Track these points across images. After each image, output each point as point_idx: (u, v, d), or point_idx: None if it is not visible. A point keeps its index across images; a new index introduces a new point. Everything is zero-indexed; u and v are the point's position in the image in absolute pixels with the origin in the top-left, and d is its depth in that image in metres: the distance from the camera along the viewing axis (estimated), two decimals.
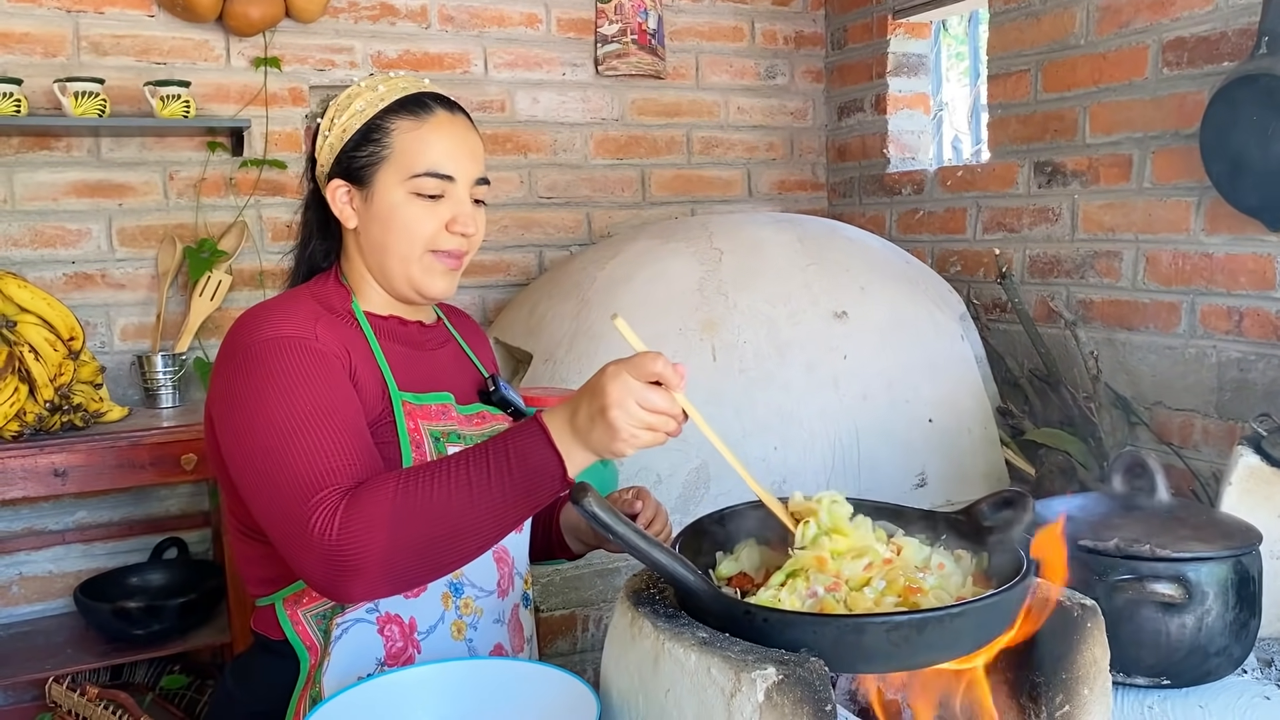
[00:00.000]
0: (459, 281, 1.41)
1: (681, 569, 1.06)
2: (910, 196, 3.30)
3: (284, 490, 1.15)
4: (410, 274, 1.35)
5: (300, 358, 1.23)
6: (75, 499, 2.74)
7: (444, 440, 1.32)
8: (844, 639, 0.99)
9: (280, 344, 1.23)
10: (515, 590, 1.42)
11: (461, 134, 1.38)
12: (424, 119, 1.35)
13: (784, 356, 2.48)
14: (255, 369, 1.22)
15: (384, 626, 1.30)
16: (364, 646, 1.29)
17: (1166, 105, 2.46)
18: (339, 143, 1.36)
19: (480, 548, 1.17)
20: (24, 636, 2.59)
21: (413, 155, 1.33)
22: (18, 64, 2.61)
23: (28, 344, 2.37)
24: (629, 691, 1.11)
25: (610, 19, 3.30)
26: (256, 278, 2.88)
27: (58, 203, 2.70)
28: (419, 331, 1.43)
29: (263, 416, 1.19)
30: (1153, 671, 1.43)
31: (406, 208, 1.33)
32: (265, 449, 1.18)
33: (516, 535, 1.43)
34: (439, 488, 1.12)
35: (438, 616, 1.33)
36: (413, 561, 1.13)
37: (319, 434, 1.17)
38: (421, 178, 1.33)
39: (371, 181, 1.34)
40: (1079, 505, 1.56)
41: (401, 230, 1.33)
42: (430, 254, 1.35)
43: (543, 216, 3.28)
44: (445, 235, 1.35)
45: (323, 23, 2.93)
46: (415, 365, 1.38)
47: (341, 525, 1.11)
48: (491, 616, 1.38)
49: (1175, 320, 2.49)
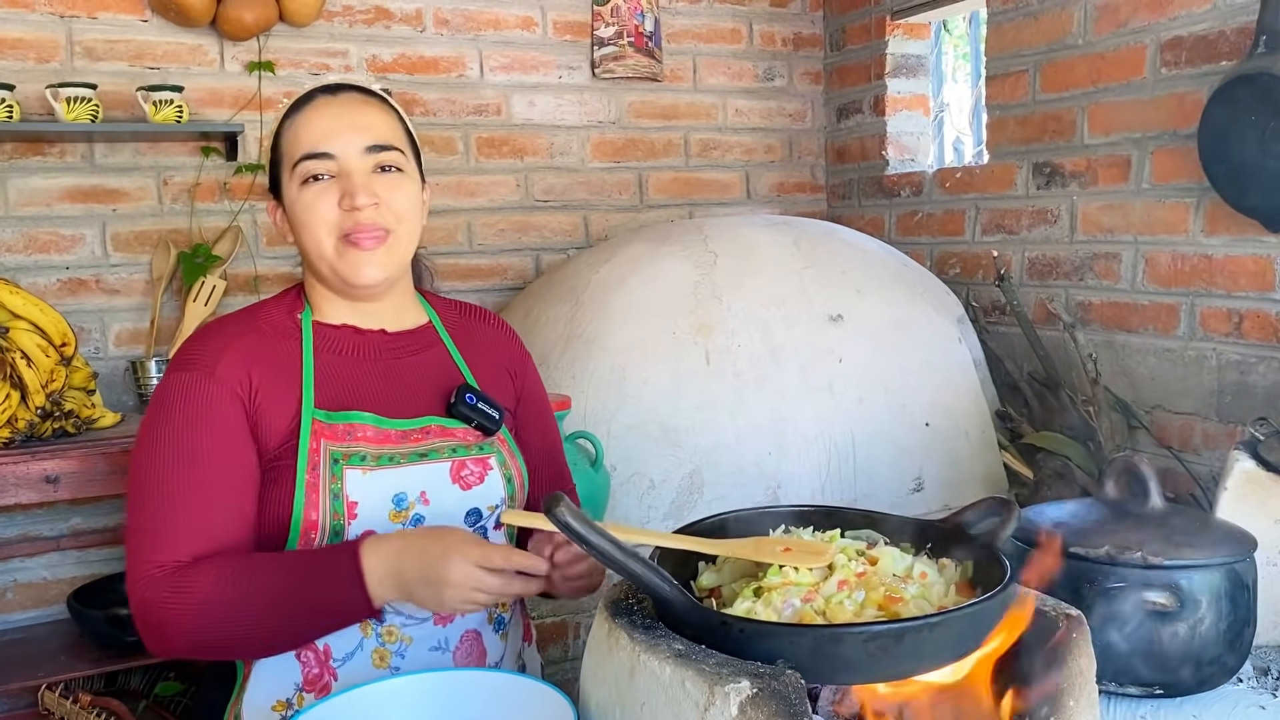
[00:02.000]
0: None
1: (657, 579, 1.04)
2: (909, 198, 3.28)
3: (133, 536, 1.25)
4: (333, 266, 1.33)
5: (185, 404, 1.27)
6: (69, 505, 2.73)
7: (343, 462, 1.28)
8: (821, 649, 0.97)
9: (174, 385, 1.29)
10: (469, 616, 1.35)
11: (339, 110, 1.34)
12: (302, 110, 1.35)
13: (779, 360, 2.46)
14: (152, 411, 1.30)
15: (300, 652, 1.29)
16: (281, 671, 1.29)
17: (1165, 105, 2.44)
18: (267, 163, 1.39)
19: (282, 649, 1.27)
20: (17, 643, 2.58)
21: (293, 146, 1.33)
22: (10, 69, 2.61)
23: (20, 350, 2.36)
24: (606, 703, 1.09)
25: (607, 21, 3.29)
26: (251, 282, 2.87)
27: (51, 209, 2.70)
28: (380, 340, 1.39)
29: (143, 460, 1.27)
30: (1146, 681, 1.41)
31: (300, 199, 1.32)
32: (135, 491, 1.27)
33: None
34: (248, 595, 1.20)
35: (355, 644, 1.30)
36: (215, 648, 1.25)
37: (172, 502, 1.24)
38: (302, 162, 1.32)
39: (281, 189, 1.35)
40: (1070, 512, 1.54)
41: (303, 224, 1.32)
42: (342, 241, 1.31)
43: (540, 220, 3.26)
44: (344, 215, 1.31)
45: (317, 26, 2.92)
46: (348, 379, 1.35)
47: (158, 597, 1.20)
48: (427, 644, 1.32)
49: (1175, 322, 2.46)
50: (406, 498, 1.30)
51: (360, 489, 1.28)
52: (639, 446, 2.34)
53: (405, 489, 1.30)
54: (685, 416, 2.38)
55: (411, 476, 1.31)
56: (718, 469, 2.35)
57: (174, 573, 1.20)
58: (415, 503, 1.31)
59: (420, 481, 1.31)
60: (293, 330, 1.35)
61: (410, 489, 1.31)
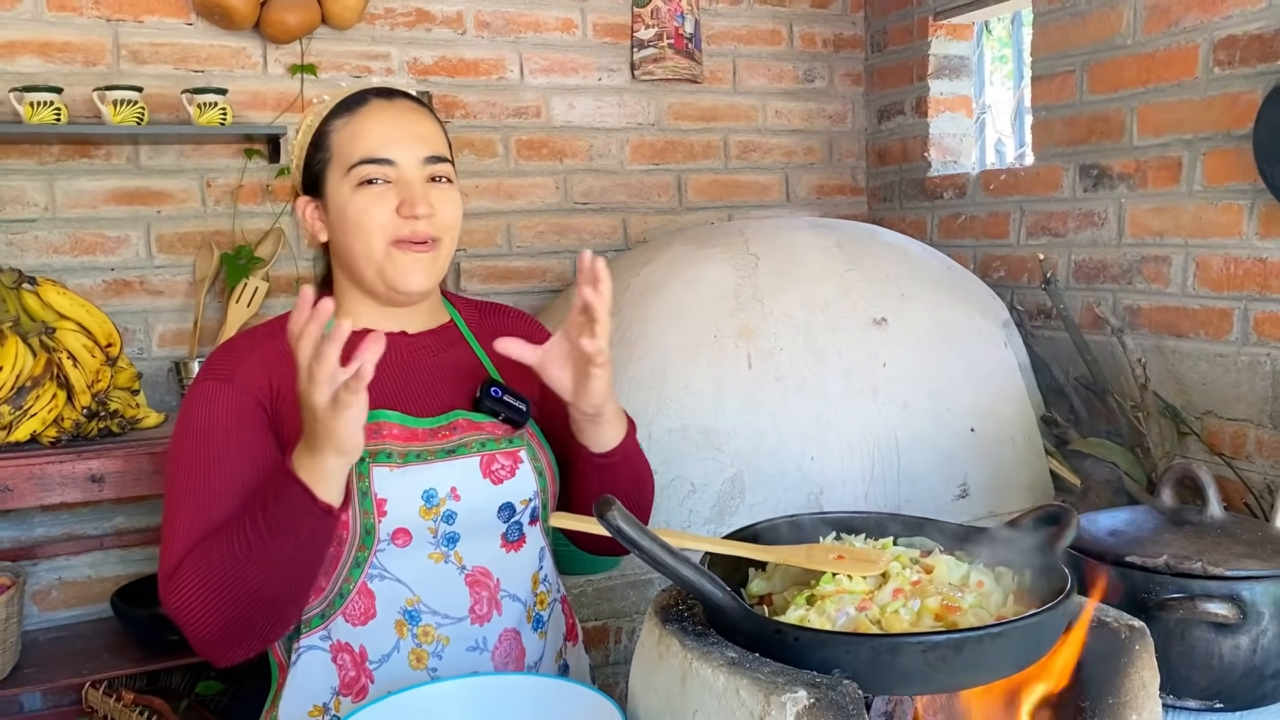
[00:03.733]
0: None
1: (709, 585, 1.02)
2: (952, 200, 3.24)
3: (162, 530, 1.26)
4: (381, 271, 1.33)
5: (205, 411, 1.28)
6: (113, 505, 2.75)
7: (370, 460, 1.27)
8: (878, 660, 0.95)
9: (197, 394, 1.30)
10: (507, 614, 1.34)
11: (397, 116, 1.35)
12: (356, 112, 1.34)
13: (821, 364, 2.44)
14: (179, 419, 1.31)
15: (336, 655, 1.29)
16: (319, 673, 1.28)
17: (1218, 105, 2.39)
18: (299, 160, 1.38)
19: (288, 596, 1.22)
20: (62, 641, 2.61)
21: (349, 148, 1.32)
22: (58, 73, 2.64)
23: (66, 351, 2.39)
24: (656, 711, 1.07)
25: (647, 23, 3.28)
26: (293, 284, 2.88)
27: (97, 210, 2.73)
28: (401, 342, 1.39)
29: (170, 459, 1.29)
30: (1205, 694, 1.37)
31: (354, 202, 1.31)
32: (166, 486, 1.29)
33: (509, 554, 1.35)
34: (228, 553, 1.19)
35: (392, 645, 1.29)
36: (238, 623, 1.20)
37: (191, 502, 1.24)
38: (359, 166, 1.31)
39: (324, 188, 1.34)
40: (1126, 520, 1.51)
41: (355, 226, 1.32)
42: (394, 246, 1.31)
43: (578, 222, 3.26)
44: (399, 222, 1.31)
45: (359, 29, 2.93)
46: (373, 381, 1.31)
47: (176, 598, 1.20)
48: (463, 644, 1.31)
49: (1227, 327, 2.41)
50: (436, 494, 1.29)
51: (388, 486, 1.27)
52: (680, 450, 2.32)
53: (435, 485, 1.29)
54: (727, 420, 2.36)
55: (441, 472, 1.30)
56: (759, 473, 2.33)
57: (175, 574, 1.22)
58: (446, 499, 1.30)
59: (450, 477, 1.30)
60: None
61: (440, 485, 1.30)
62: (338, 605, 1.28)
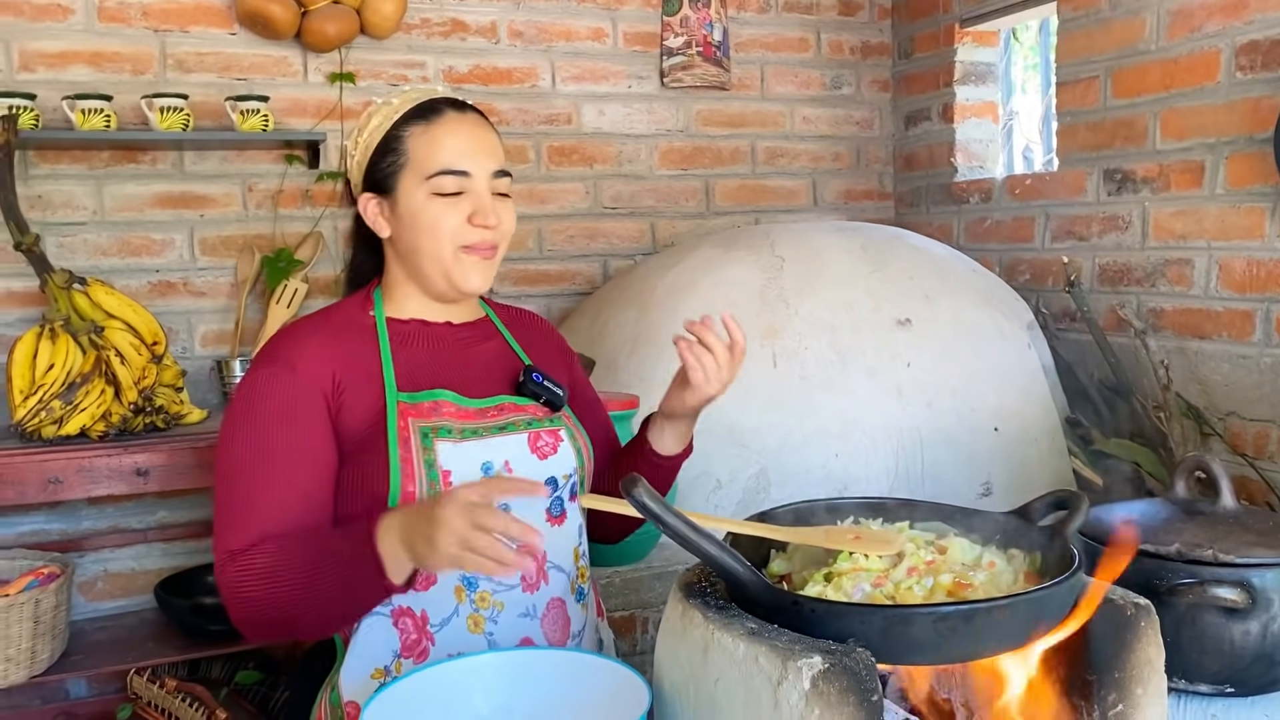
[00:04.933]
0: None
1: (730, 559, 1.07)
2: (978, 205, 3.28)
3: (216, 518, 1.33)
4: (446, 272, 1.41)
5: (267, 398, 1.34)
6: (157, 499, 2.84)
7: (433, 435, 1.35)
8: (891, 629, 1.00)
9: (257, 380, 1.36)
10: (554, 585, 1.42)
11: (472, 130, 1.42)
12: (434, 121, 1.41)
13: (846, 363, 2.48)
14: (235, 405, 1.37)
15: (398, 619, 1.34)
16: (380, 639, 1.34)
17: (1240, 110, 2.42)
18: (364, 158, 1.43)
19: (325, 625, 1.32)
20: (107, 630, 2.69)
21: (427, 157, 1.39)
22: (108, 81, 2.74)
23: (114, 348, 2.47)
24: (680, 682, 1.13)
25: (676, 32, 3.34)
26: (331, 286, 2.96)
27: (143, 214, 2.82)
28: (444, 332, 1.47)
29: (225, 448, 1.35)
30: (1216, 679, 1.41)
31: (428, 208, 1.39)
32: (218, 476, 1.34)
33: (555, 527, 1.43)
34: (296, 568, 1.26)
35: (451, 610, 1.35)
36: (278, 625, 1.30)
37: (252, 484, 1.31)
38: (438, 177, 1.39)
39: (395, 189, 1.41)
40: (1140, 510, 1.54)
41: (427, 231, 1.39)
42: (461, 250, 1.40)
43: (607, 227, 3.32)
44: (469, 230, 1.40)
45: (396, 39, 3.01)
46: (424, 366, 1.43)
47: (230, 583, 1.28)
48: (516, 611, 1.38)
49: (1249, 329, 2.44)
50: (493, 466, 1.36)
51: (452, 459, 1.34)
52: (706, 446, 2.35)
53: (491, 458, 1.37)
54: (752, 417, 2.41)
55: (495, 447, 1.38)
56: (784, 470, 2.38)
57: (242, 554, 1.28)
58: (501, 471, 1.37)
59: (504, 451, 1.38)
60: (367, 326, 1.43)
61: (495, 459, 1.37)
62: None
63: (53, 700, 2.78)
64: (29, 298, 2.68)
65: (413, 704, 1.14)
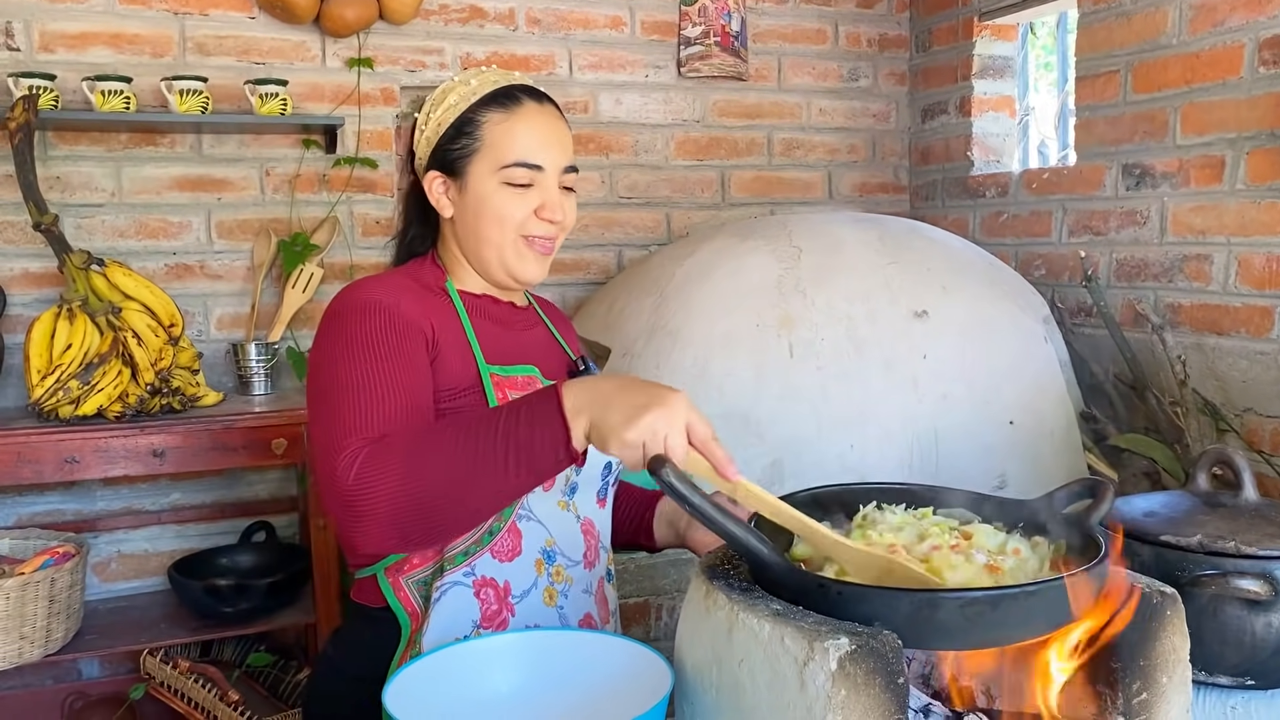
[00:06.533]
0: (545, 280, 1.49)
1: (755, 541, 1.07)
2: (994, 199, 3.27)
3: (325, 436, 1.24)
4: (504, 259, 1.42)
5: (377, 323, 1.30)
6: (171, 481, 2.85)
7: None
8: (918, 614, 1.00)
9: (363, 308, 1.32)
10: (600, 564, 1.46)
11: (549, 124, 1.42)
12: (512, 110, 1.40)
13: (862, 354, 2.48)
14: (337, 329, 1.32)
15: (480, 590, 1.34)
16: (461, 609, 1.34)
17: (1262, 105, 2.40)
18: (435, 136, 1.43)
19: (478, 508, 1.21)
20: (121, 611, 2.70)
21: (503, 146, 1.39)
22: (128, 63, 2.74)
23: (131, 330, 2.48)
24: (703, 663, 1.12)
25: (693, 21, 3.33)
26: (347, 271, 2.96)
27: (161, 196, 2.82)
28: (510, 311, 1.49)
29: (329, 370, 1.29)
30: (1236, 671, 1.41)
31: (498, 196, 1.39)
32: (324, 398, 1.27)
33: (600, 510, 1.47)
34: (448, 440, 1.17)
35: (531, 582, 1.37)
36: (419, 510, 1.17)
37: (371, 393, 1.25)
38: (511, 168, 1.39)
39: (465, 172, 1.40)
40: (1161, 502, 1.54)
41: (494, 218, 1.40)
42: (522, 240, 1.41)
43: (623, 216, 3.32)
44: (535, 222, 1.40)
45: (414, 24, 3.01)
46: (504, 341, 1.44)
47: (358, 471, 1.17)
48: (580, 586, 1.42)
49: (1268, 324, 2.43)
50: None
51: None
52: (721, 436, 2.36)
53: None
54: (767, 407, 2.41)
55: None
56: (799, 460, 2.37)
57: (373, 444, 1.19)
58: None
59: None
60: (442, 293, 1.43)
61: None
62: (485, 542, 1.34)
63: (65, 680, 2.79)
64: (47, 278, 2.69)
65: (434, 683, 1.14)
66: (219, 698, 2.48)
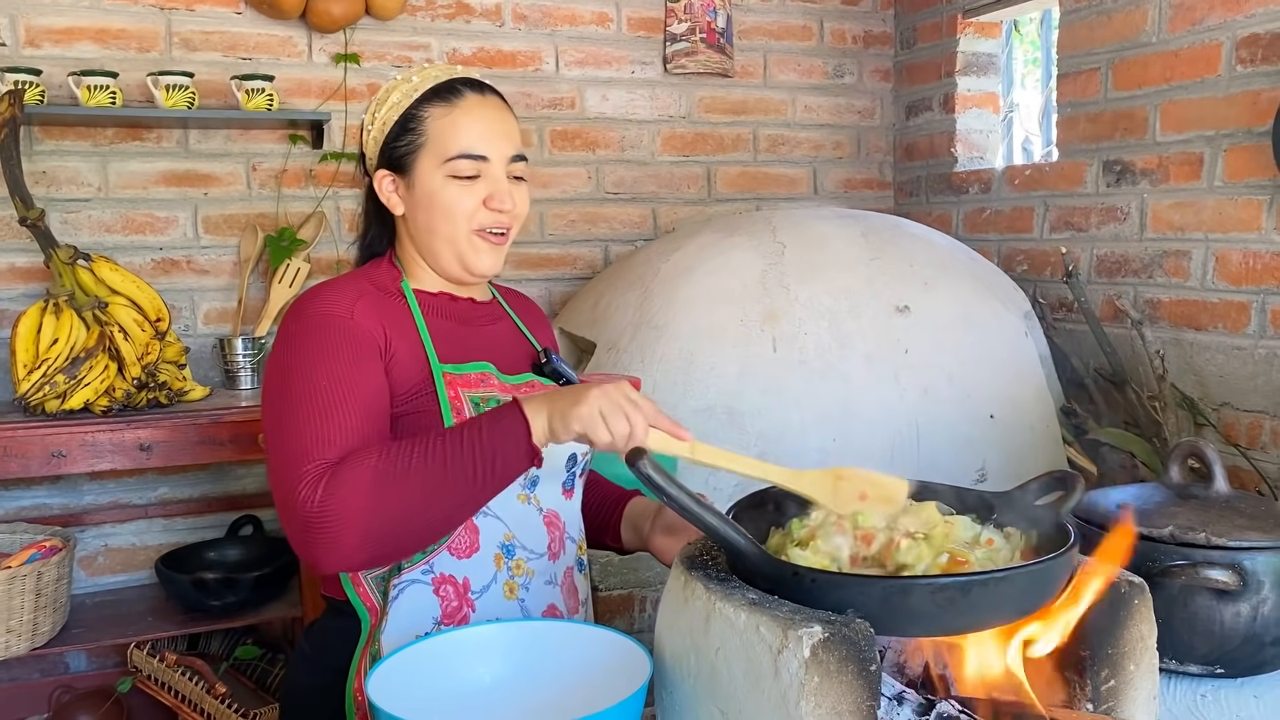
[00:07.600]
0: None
1: (731, 531, 1.09)
2: (977, 195, 3.29)
3: (283, 457, 1.25)
4: (458, 253, 1.42)
5: (330, 338, 1.31)
6: (158, 475, 2.85)
7: (483, 405, 1.36)
8: (890, 600, 1.02)
9: (316, 321, 1.32)
10: (568, 554, 1.47)
11: (492, 114, 1.43)
12: (454, 104, 1.41)
13: (845, 349, 2.50)
14: (291, 345, 1.32)
15: (439, 587, 1.36)
16: (420, 606, 1.35)
17: (1239, 103, 2.43)
18: (381, 135, 1.44)
19: (453, 515, 1.26)
20: (108, 604, 2.71)
21: (446, 140, 1.40)
22: (114, 58, 2.75)
23: (118, 324, 2.49)
24: (681, 652, 1.14)
25: (680, 18, 3.35)
26: (334, 266, 2.98)
27: (147, 191, 2.83)
28: (469, 307, 1.49)
29: (284, 387, 1.30)
30: (1206, 660, 1.43)
31: (445, 190, 1.40)
32: (279, 416, 1.28)
33: (566, 501, 1.47)
34: (416, 460, 1.21)
35: (490, 577, 1.38)
36: (389, 530, 1.21)
37: (326, 409, 1.26)
38: (456, 160, 1.39)
39: (412, 169, 1.41)
40: (1134, 494, 1.56)
41: (443, 212, 1.40)
42: (475, 233, 1.41)
43: (609, 212, 3.34)
44: (485, 213, 1.41)
45: (401, 20, 3.02)
46: (460, 338, 1.44)
47: (323, 495, 1.19)
48: (543, 578, 1.42)
49: (1245, 320, 2.46)
50: None
51: None
52: (705, 430, 2.39)
53: None
54: (751, 402, 2.43)
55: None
56: (782, 454, 2.40)
57: (335, 465, 1.21)
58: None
59: None
60: (398, 294, 1.43)
61: None
62: (443, 540, 1.35)
63: (52, 673, 2.80)
64: (33, 273, 2.69)
65: (416, 674, 1.16)
66: (206, 690, 2.49)
